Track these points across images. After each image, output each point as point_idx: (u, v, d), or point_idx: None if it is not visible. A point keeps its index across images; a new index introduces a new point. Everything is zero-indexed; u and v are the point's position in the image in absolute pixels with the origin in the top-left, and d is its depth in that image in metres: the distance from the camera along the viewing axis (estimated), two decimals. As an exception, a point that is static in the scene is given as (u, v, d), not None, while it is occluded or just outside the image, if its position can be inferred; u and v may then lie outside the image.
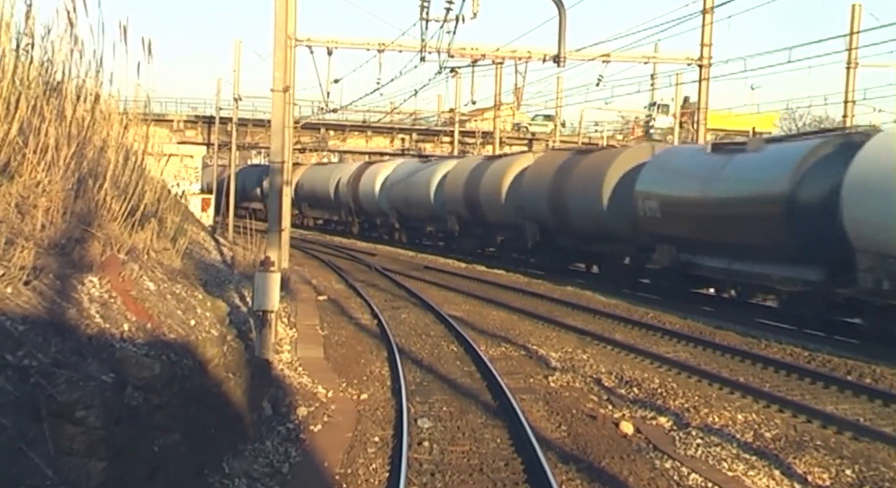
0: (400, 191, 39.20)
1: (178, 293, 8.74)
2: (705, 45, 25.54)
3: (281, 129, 13.46)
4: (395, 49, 25.03)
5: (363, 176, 43.69)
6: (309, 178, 50.87)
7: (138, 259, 8.68)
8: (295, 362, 13.11)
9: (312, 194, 50.44)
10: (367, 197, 42.94)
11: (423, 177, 37.03)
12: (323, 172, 50.55)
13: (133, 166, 12.59)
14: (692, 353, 14.93)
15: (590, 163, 24.90)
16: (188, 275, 10.37)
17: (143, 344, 6.80)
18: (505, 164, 30.44)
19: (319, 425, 9.80)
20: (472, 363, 13.70)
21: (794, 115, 51.55)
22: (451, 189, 33.83)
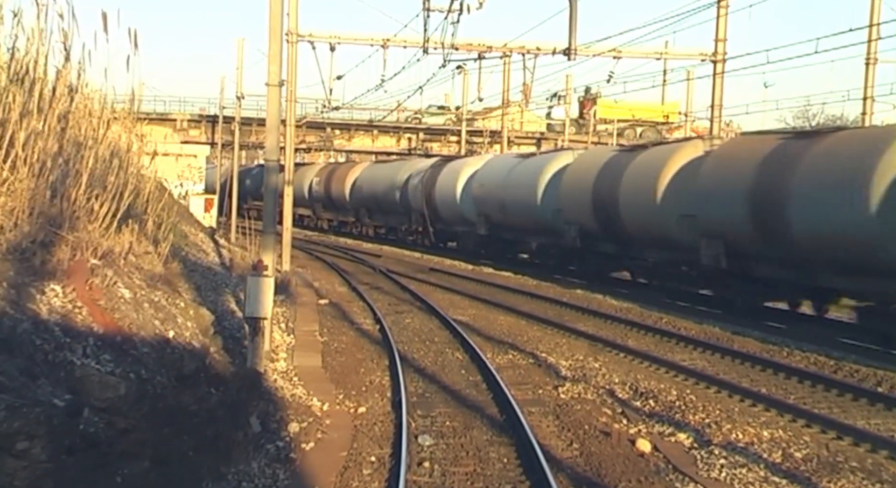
0: (491, 194, 30.39)
1: (156, 301, 8.04)
2: (720, 40, 24.76)
3: (276, 126, 12.76)
4: (399, 44, 24.35)
5: (441, 174, 35.01)
6: (368, 179, 42.85)
7: (114, 264, 7.99)
8: (290, 371, 12.40)
9: (373, 198, 42.17)
10: (445, 200, 34.28)
11: (529, 174, 28.07)
12: (386, 171, 42.20)
13: (119, 164, 11.93)
14: (710, 361, 14.19)
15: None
16: (171, 280, 9.67)
17: (110, 360, 6.11)
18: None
19: (312, 442, 9.08)
20: (477, 372, 12.98)
21: (807, 113, 50.64)
22: (573, 190, 25.25)
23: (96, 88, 11.50)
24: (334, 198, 47.13)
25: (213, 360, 8.02)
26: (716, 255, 18.68)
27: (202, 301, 14.01)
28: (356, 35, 25.92)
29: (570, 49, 21.43)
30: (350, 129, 50.39)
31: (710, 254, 18.78)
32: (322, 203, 49.41)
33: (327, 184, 47.31)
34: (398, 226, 40.27)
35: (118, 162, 12.63)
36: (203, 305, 13.58)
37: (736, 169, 18.15)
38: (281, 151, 41.32)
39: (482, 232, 31.51)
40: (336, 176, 46.70)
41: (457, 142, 49.71)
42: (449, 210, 33.89)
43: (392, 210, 40.18)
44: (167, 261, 13.11)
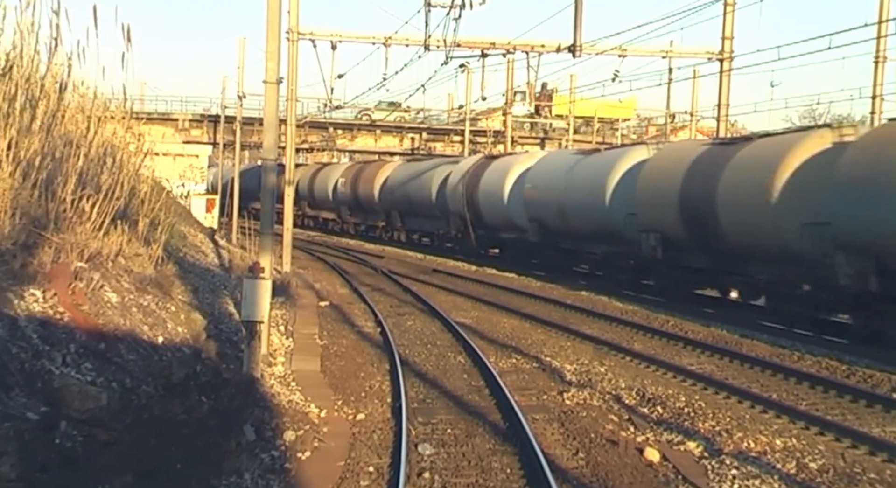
0: (546, 196, 25.87)
1: (146, 305, 7.73)
2: (726, 38, 24.41)
3: (274, 125, 12.45)
4: (401, 43, 24.03)
5: (485, 174, 30.67)
6: (401, 178, 38.54)
7: (102, 266, 7.68)
8: (288, 376, 12.08)
9: (405, 200, 37.72)
10: (490, 203, 30.09)
11: (594, 172, 23.77)
12: (420, 170, 37.40)
13: (113, 164, 11.64)
14: (718, 366, 13.84)
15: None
16: (163, 283, 9.35)
17: (92, 368, 5.80)
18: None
19: (308, 451, 8.76)
20: (480, 377, 12.65)
21: (813, 112, 50.24)
22: (654, 192, 20.89)
23: (89, 85, 11.19)
24: (362, 200, 43.18)
25: (205, 367, 7.70)
26: (861, 274, 15.00)
27: (199, 303, 13.71)
28: (358, 33, 25.61)
29: (575, 46, 21.03)
30: (353, 129, 50.08)
31: (851, 273, 15.11)
32: (348, 205, 45.56)
33: (354, 184, 43.59)
34: (434, 230, 36.51)
35: (112, 161, 12.35)
36: (198, 308, 13.28)
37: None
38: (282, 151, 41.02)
39: (534, 239, 27.34)
40: (364, 176, 42.81)
41: (460, 142, 49.37)
42: (494, 214, 29.74)
43: (427, 213, 36.12)
44: (161, 262, 12.81)
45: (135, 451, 5.84)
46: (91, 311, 6.54)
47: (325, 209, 49.25)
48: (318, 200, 49.00)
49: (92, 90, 11.08)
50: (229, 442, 7.75)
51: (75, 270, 6.90)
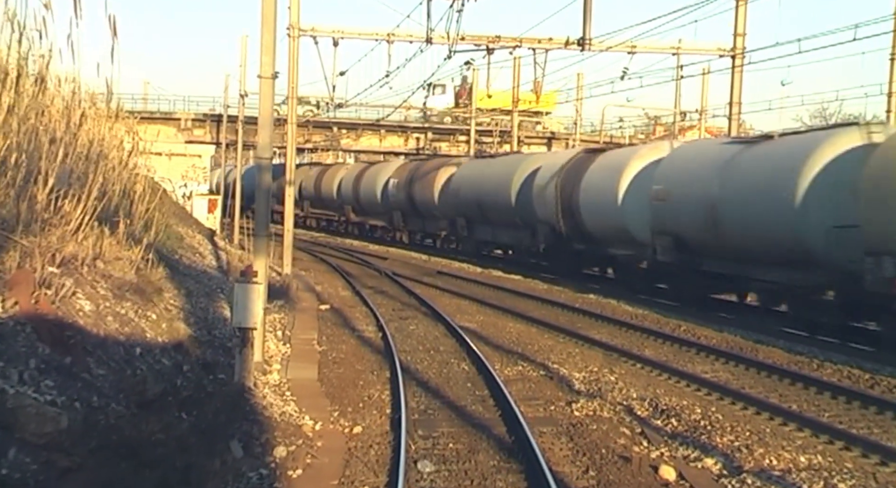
0: (686, 200, 19.45)
1: (123, 314, 7.17)
2: (738, 34, 23.80)
3: (269, 122, 11.91)
4: (404, 39, 23.47)
5: (588, 172, 23.85)
6: (469, 178, 32.03)
7: (76, 272, 7.12)
8: (283, 385, 11.52)
9: (476, 204, 30.94)
10: (596, 209, 23.12)
11: (774, 167, 17.22)
12: (495, 168, 30.70)
13: (98, 162, 11.10)
14: (734, 373, 13.25)
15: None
16: (144, 289, 8.79)
17: (53, 386, 5.24)
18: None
19: (300, 469, 8.19)
20: (484, 386, 12.08)
21: (825, 112, 49.52)
22: None
23: (75, 80, 10.64)
24: (419, 204, 36.42)
25: (187, 380, 7.13)
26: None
27: (191, 308, 13.17)
28: (360, 30, 25.05)
29: (584, 39, 20.36)
30: (357, 129, 49.51)
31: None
32: (402, 211, 38.65)
33: (409, 186, 37.01)
34: (515, 243, 29.82)
35: (99, 159, 11.82)
36: (190, 313, 12.74)
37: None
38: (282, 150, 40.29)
39: (664, 257, 20.15)
40: (422, 176, 36.23)
41: (465, 141, 48.79)
42: (603, 224, 22.94)
43: (505, 221, 29.27)
44: (151, 266, 12.28)
45: (101, 477, 5.28)
46: (58, 321, 5.99)
47: (374, 215, 42.73)
48: (364, 206, 43.48)
49: (72, 85, 10.50)
50: (213, 461, 7.18)
51: (44, 276, 6.35)
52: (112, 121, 13.02)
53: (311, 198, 50.54)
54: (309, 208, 50.99)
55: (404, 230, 39.59)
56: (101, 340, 6.34)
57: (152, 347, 7.01)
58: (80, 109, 10.74)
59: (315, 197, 49.77)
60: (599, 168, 23.61)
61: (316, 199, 50.08)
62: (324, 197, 48.48)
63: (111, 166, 13.76)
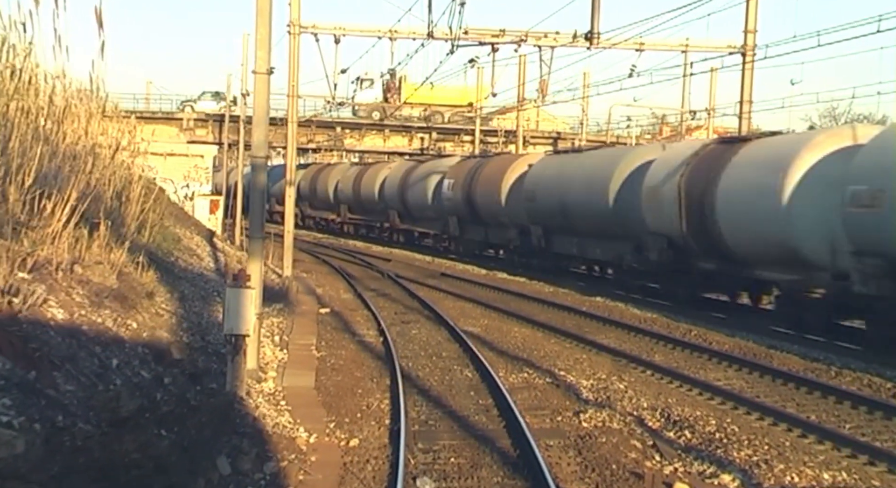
0: None
1: (99, 323, 6.68)
2: (749, 31, 23.27)
3: (264, 119, 11.43)
4: (407, 36, 22.97)
5: (730, 165, 18.24)
6: (549, 177, 25.97)
7: (50, 277, 6.64)
8: (278, 394, 11.02)
9: (560, 210, 24.78)
10: (744, 218, 17.45)
11: None
12: (585, 163, 24.86)
13: (86, 161, 10.63)
14: (748, 381, 12.74)
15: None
16: (127, 295, 8.30)
17: (11, 406, 4.77)
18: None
19: (292, 487, 7.71)
20: (488, 394, 11.58)
21: (834, 112, 48.92)
22: None
23: (58, 75, 10.17)
24: (482, 209, 30.37)
25: (168, 393, 6.64)
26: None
27: (184, 313, 12.71)
28: (362, 26, 24.57)
29: (592, 33, 19.78)
30: (361, 129, 49.01)
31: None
32: (459, 217, 32.51)
33: (469, 187, 30.98)
34: (611, 259, 23.25)
35: (86, 157, 11.35)
36: (184, 318, 12.28)
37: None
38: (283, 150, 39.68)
39: (866, 288, 14.68)
40: (485, 175, 30.23)
41: (471, 141, 48.30)
42: (752, 238, 17.32)
43: (597, 231, 23.21)
44: (143, 268, 11.82)
45: (64, 505, 4.78)
46: (23, 333, 5.51)
47: (422, 222, 37.00)
48: (410, 210, 38.15)
49: (56, 79, 10.02)
50: (196, 481, 6.69)
51: (10, 284, 5.88)
52: (100, 117, 12.52)
53: (350, 202, 45.74)
54: (347, 213, 46.40)
55: (464, 239, 32.87)
56: (72, 352, 5.86)
57: (131, 358, 6.53)
58: (65, 104, 10.25)
59: (354, 200, 45.05)
60: (748, 163, 17.76)
61: (355, 203, 45.09)
62: (364, 200, 43.35)
63: (102, 165, 13.32)
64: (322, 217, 50.08)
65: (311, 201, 50.43)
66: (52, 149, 8.93)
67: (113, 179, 14.07)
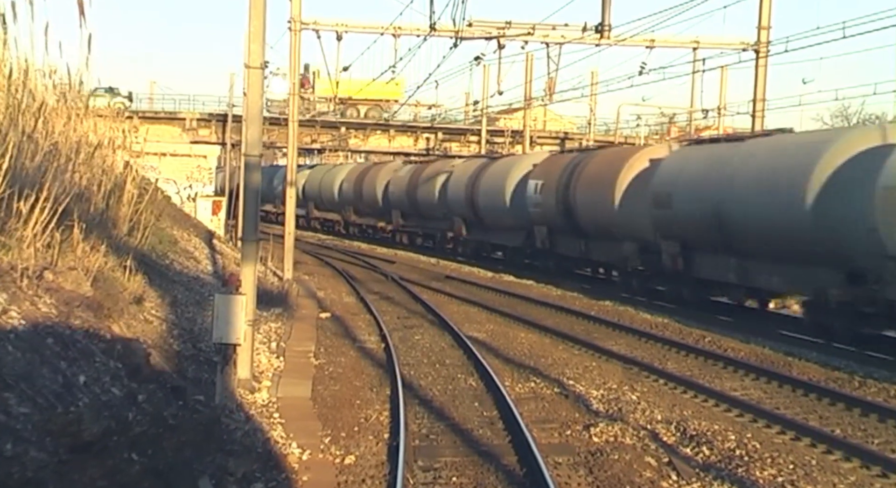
0: None
1: (67, 335, 6.11)
2: (763, 28, 22.66)
3: (258, 116, 10.88)
4: (411, 33, 22.40)
5: None
6: (689, 175, 19.40)
7: (14, 285, 6.07)
8: (271, 405, 10.45)
9: (713, 219, 18.01)
10: None
11: None
12: (762, 156, 17.47)
13: (70, 158, 10.08)
14: (766, 392, 12.13)
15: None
16: (102, 303, 7.73)
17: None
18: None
19: (280, 511, 7.15)
20: (493, 405, 11.00)
21: (846, 111, 48.22)
22: None
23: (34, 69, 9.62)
24: (583, 218, 23.91)
25: (142, 412, 6.07)
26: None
27: (175, 319, 12.15)
28: (365, 23, 24.04)
29: (602, 25, 19.12)
30: (366, 129, 48.45)
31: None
32: (550, 227, 26.10)
33: (565, 189, 24.62)
34: (800, 285, 16.61)
35: (70, 156, 10.80)
36: (175, 325, 11.73)
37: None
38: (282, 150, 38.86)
39: None
40: (590, 174, 23.71)
41: (477, 142, 47.71)
42: None
43: (784, 251, 16.35)
44: (130, 273, 11.27)
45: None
46: (-26, 349, 4.96)
47: (498, 232, 30.29)
48: (483, 218, 30.73)
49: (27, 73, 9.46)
50: (172, 508, 6.11)
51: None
52: (85, 114, 11.97)
53: (404, 208, 38.51)
54: (401, 221, 39.06)
55: (552, 255, 26.66)
56: (30, 369, 5.29)
57: (101, 374, 5.97)
58: (41, 101, 9.70)
59: (409, 205, 37.84)
60: None
61: (410, 209, 37.85)
62: (421, 204, 36.16)
63: (90, 164, 12.78)
64: (369, 225, 42.83)
65: (356, 206, 44.33)
66: (32, 147, 8.38)
67: (104, 179, 13.55)
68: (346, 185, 44.97)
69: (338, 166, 50.02)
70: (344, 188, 45.27)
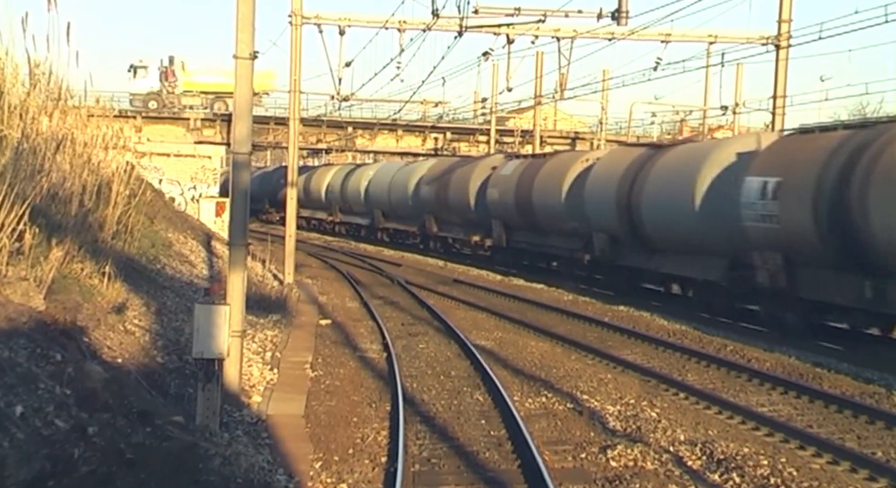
0: None
1: (4, 358, 5.27)
2: (783, 21, 21.72)
3: (246, 111, 10.06)
4: (417, 27, 21.55)
5: None
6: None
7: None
8: (259, 424, 9.60)
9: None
10: None
11: None
12: None
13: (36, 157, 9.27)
14: (796, 407, 11.23)
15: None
16: (57, 318, 6.90)
17: None
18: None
19: (258, 553, 6.30)
20: (501, 423, 10.15)
21: (864, 109, 47.19)
22: None
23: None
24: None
25: (92, 447, 5.23)
26: None
27: (160, 329, 11.34)
28: (369, 16, 23.19)
29: (620, 11, 18.16)
30: (373, 128, 47.63)
31: None
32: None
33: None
34: None
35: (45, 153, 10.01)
36: (159, 335, 10.91)
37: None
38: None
39: None
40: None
41: (486, 142, 46.82)
42: None
43: None
44: (109, 280, 10.46)
45: None
46: None
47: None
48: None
49: None
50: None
51: None
52: (52, 109, 11.18)
53: (509, 219, 28.63)
54: (503, 234, 29.28)
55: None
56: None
57: (44, 404, 5.14)
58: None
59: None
60: None
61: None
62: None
63: (75, 164, 12.00)
64: (455, 237, 34.01)
65: (436, 215, 34.42)
66: None
67: (90, 179, 12.76)
68: (425, 187, 35.14)
69: (413, 163, 40.52)
70: (423, 191, 35.35)
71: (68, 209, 11.34)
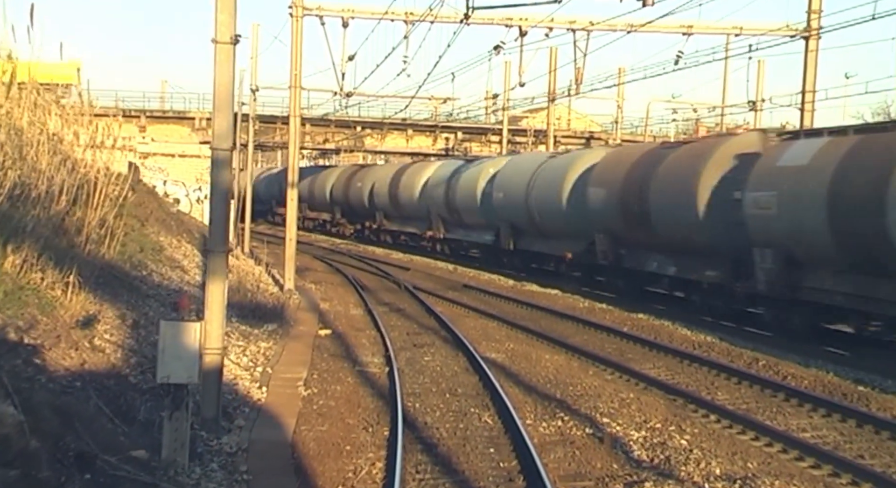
0: None
1: None
2: (813, 12, 20.52)
3: (227, 102, 9.00)
4: (426, 19, 20.45)
5: None
6: None
7: None
8: (240, 455, 8.48)
9: None
10: None
11: None
12: None
13: None
14: (843, 433, 10.06)
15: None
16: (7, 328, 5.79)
17: None
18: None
19: None
20: (512, 453, 9.02)
21: (888, 108, 45.82)
22: None
23: None
24: None
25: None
26: None
27: (135, 344, 10.26)
28: (373, 8, 22.16)
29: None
30: (382, 128, 46.50)
31: None
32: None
33: None
34: None
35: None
36: (133, 351, 9.83)
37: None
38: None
39: None
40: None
41: (498, 141, 45.68)
42: None
43: None
44: (73, 290, 9.39)
45: None
46: None
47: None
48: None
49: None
50: None
51: None
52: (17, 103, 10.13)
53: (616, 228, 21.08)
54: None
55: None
56: None
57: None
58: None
59: (619, 222, 21.22)
60: None
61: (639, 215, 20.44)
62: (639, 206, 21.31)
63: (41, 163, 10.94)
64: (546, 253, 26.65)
65: (521, 227, 27.08)
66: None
67: (66, 180, 11.72)
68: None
69: (486, 160, 32.63)
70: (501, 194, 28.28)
71: (37, 211, 10.29)
